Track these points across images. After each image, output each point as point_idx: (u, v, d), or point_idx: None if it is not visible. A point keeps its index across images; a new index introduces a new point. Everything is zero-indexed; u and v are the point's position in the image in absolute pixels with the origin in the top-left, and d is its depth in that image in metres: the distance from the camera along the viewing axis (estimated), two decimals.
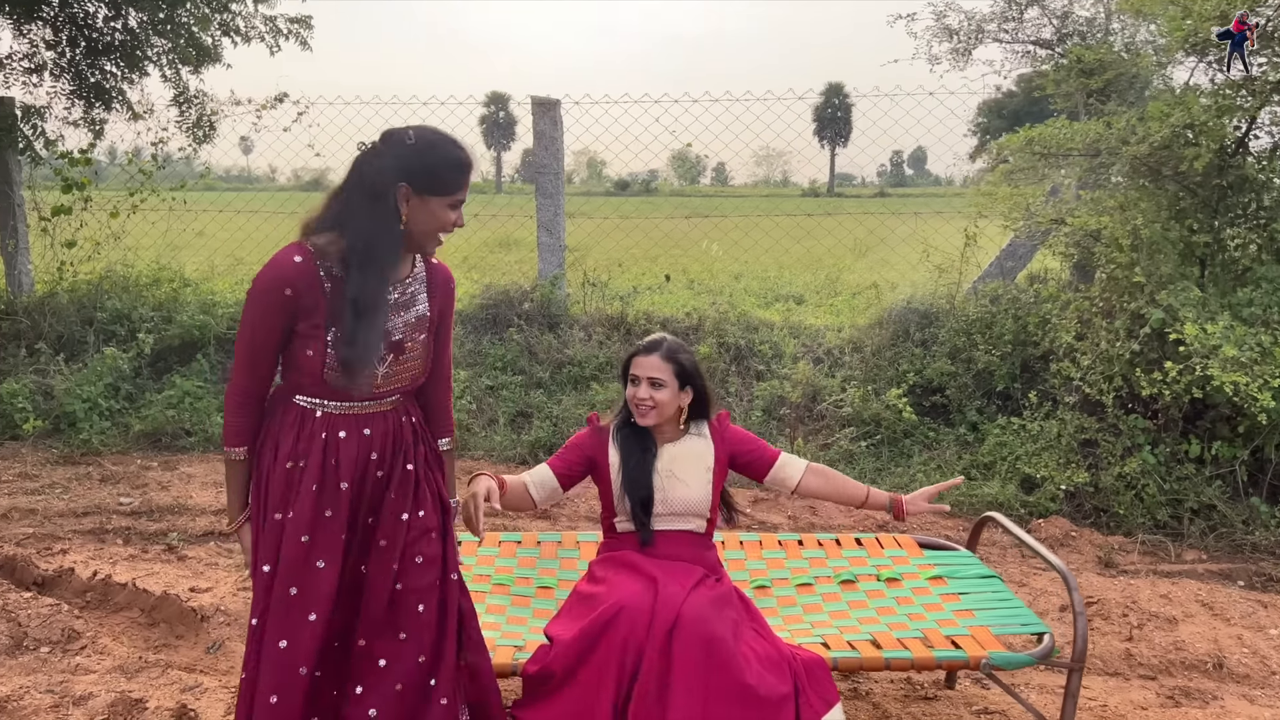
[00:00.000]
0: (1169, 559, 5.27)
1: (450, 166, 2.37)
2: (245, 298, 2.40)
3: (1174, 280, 5.55)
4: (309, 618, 2.42)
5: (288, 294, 2.33)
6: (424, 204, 2.35)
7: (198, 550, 5.19)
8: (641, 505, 3.11)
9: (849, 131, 63.86)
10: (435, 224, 2.39)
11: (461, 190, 2.41)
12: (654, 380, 3.10)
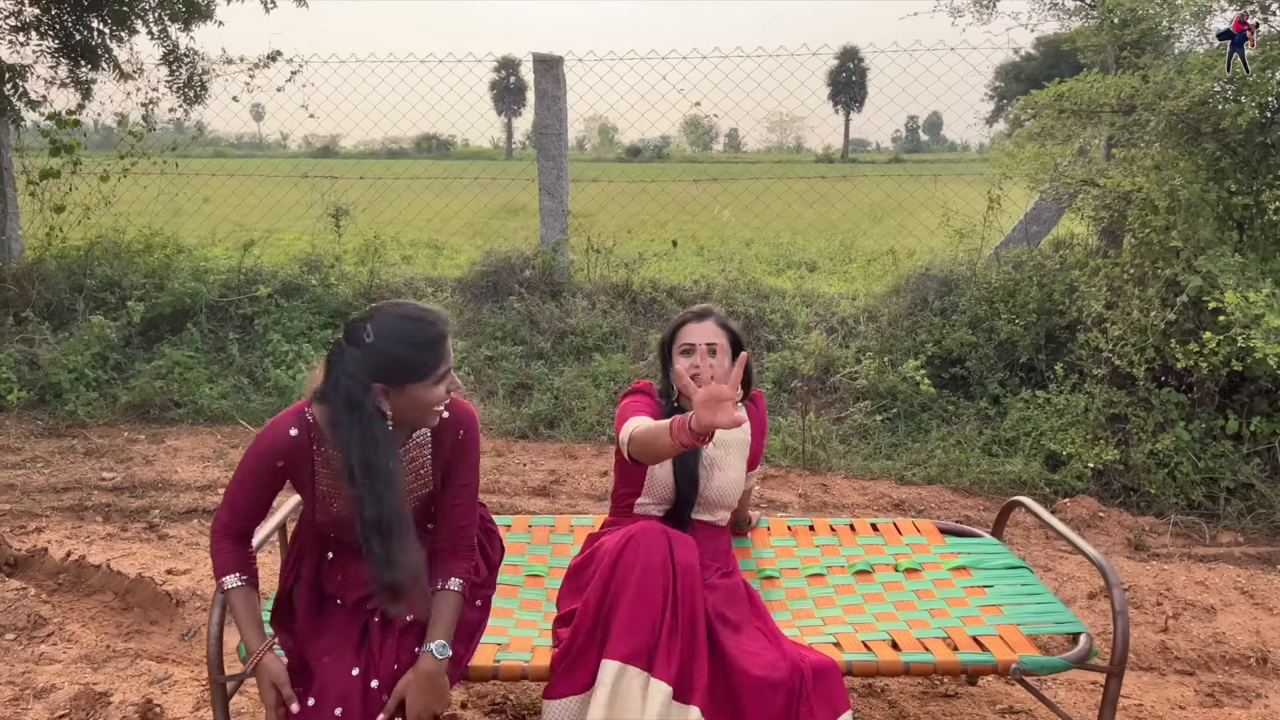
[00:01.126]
0: (1203, 541, 4.97)
1: (419, 350, 2.25)
2: (243, 458, 2.42)
3: (1212, 245, 5.21)
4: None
5: (279, 466, 2.36)
6: (404, 394, 2.26)
7: (179, 529, 4.95)
8: (685, 502, 2.89)
9: (864, 96, 62.92)
10: (423, 407, 2.30)
11: (440, 366, 2.27)
12: (711, 346, 2.85)
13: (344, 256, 7.89)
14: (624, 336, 6.97)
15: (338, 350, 2.26)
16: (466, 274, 7.87)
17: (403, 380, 2.24)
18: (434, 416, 2.35)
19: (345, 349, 2.24)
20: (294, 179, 9.48)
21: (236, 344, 6.97)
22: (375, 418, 2.22)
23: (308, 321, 7.14)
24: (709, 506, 2.94)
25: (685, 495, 2.88)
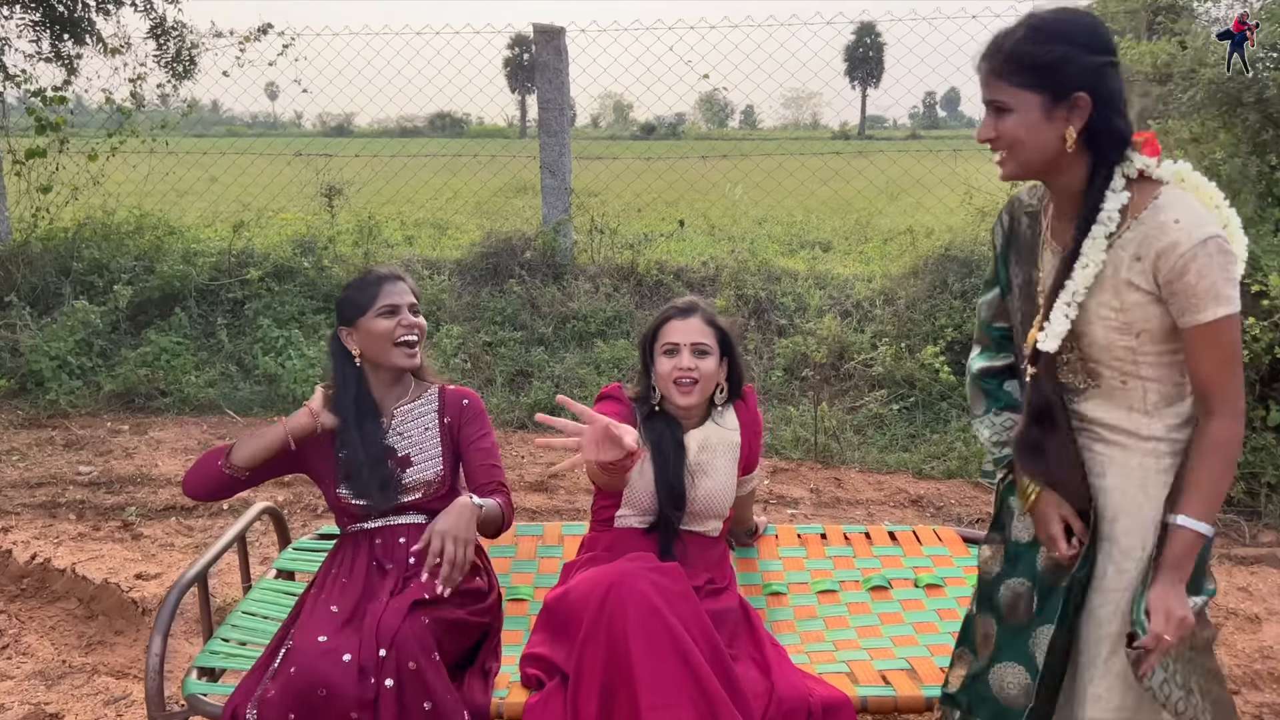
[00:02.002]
0: (1243, 541, 4.64)
1: (360, 288, 2.60)
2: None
3: (1254, 224, 4.85)
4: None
5: (292, 448, 2.58)
6: (357, 331, 2.58)
7: (154, 528, 4.69)
8: (673, 515, 2.59)
9: (880, 72, 62.05)
10: (379, 339, 2.55)
11: (378, 299, 2.56)
12: (698, 347, 2.59)
13: (339, 238, 7.60)
14: (628, 321, 6.66)
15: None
16: (466, 255, 7.57)
17: (352, 315, 2.58)
18: (397, 354, 2.56)
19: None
20: (303, 158, 9.19)
21: (225, 330, 6.71)
22: (345, 355, 2.62)
23: (299, 306, 6.86)
24: (697, 517, 2.64)
25: (669, 507, 2.58)
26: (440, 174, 10.05)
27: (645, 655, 2.09)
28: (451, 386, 2.75)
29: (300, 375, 6.21)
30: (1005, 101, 1.79)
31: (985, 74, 1.82)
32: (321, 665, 2.18)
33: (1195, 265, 1.72)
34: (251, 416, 6.17)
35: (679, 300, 2.71)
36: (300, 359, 6.30)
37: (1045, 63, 1.75)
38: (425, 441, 2.64)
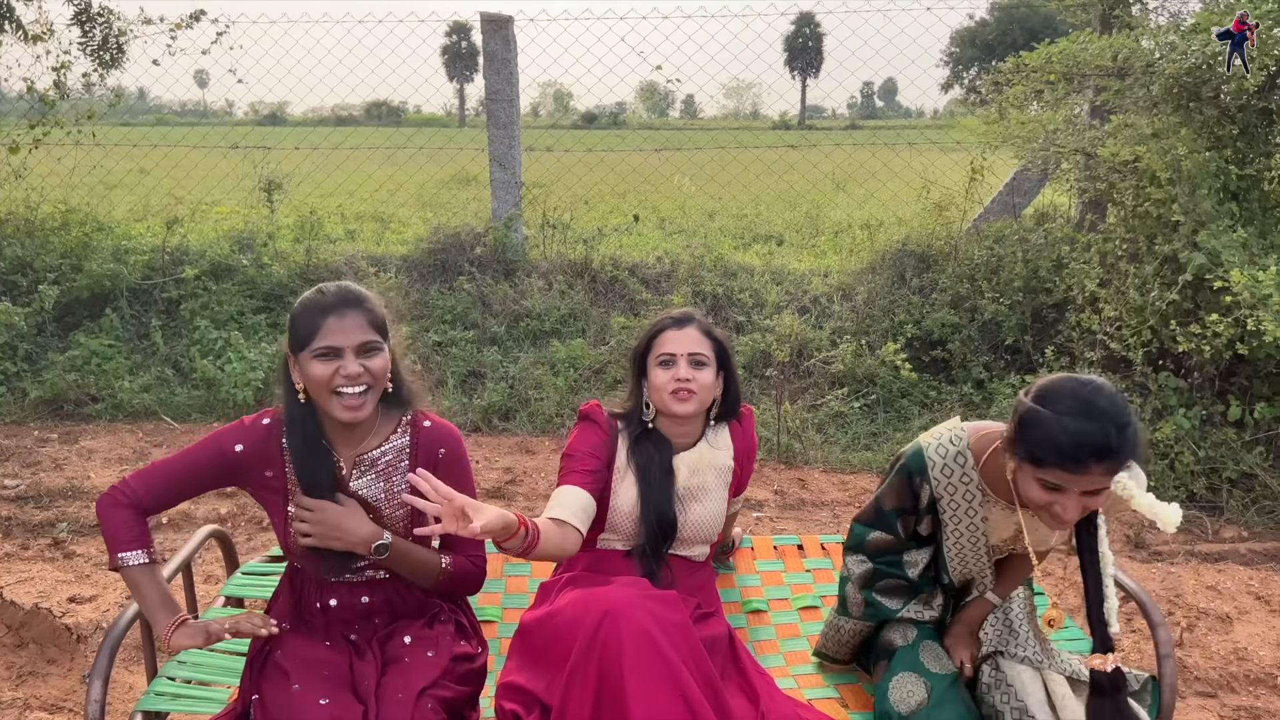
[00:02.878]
0: (1206, 537, 4.65)
1: (302, 314, 2.13)
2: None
3: (1214, 219, 4.85)
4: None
5: (237, 450, 2.18)
6: (298, 365, 2.14)
7: (88, 545, 4.43)
8: (661, 537, 2.46)
9: (820, 62, 62.43)
10: (313, 383, 2.11)
11: (316, 338, 2.09)
12: (695, 357, 2.45)
13: (278, 234, 7.31)
14: (583, 319, 6.50)
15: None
16: (413, 251, 7.34)
17: (295, 345, 2.14)
18: (334, 405, 2.11)
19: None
20: (237, 149, 8.86)
21: (160, 331, 6.41)
22: (288, 386, 2.17)
23: (239, 305, 6.58)
24: (684, 542, 2.52)
25: (655, 535, 2.45)
26: (383, 166, 9.77)
27: (642, 694, 1.94)
28: (428, 424, 2.28)
29: (240, 379, 5.94)
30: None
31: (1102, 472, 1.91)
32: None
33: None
34: (190, 423, 5.89)
35: (673, 311, 2.59)
36: (240, 362, 6.03)
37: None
38: (395, 499, 2.25)
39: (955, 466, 2.21)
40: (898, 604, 2.39)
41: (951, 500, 2.25)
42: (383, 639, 2.24)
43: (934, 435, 2.27)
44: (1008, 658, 2.23)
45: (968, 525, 2.26)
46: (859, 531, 2.43)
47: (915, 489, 2.28)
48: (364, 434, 2.22)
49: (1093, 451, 1.86)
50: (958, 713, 2.13)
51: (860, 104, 64.26)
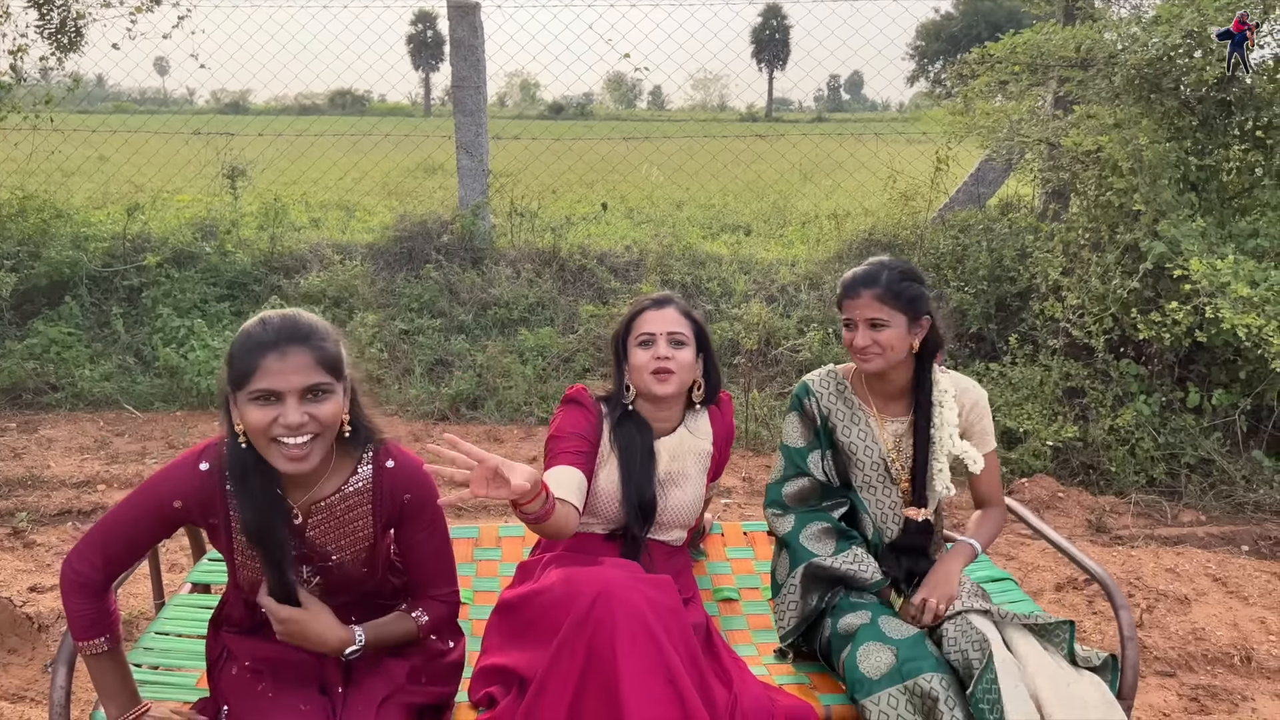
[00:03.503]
0: (1165, 521, 4.73)
1: (239, 350, 1.85)
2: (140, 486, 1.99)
3: (1174, 208, 4.93)
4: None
5: (176, 507, 1.95)
6: (237, 405, 1.87)
7: (49, 535, 4.37)
8: (642, 520, 2.48)
9: (787, 54, 62.55)
10: (250, 428, 1.84)
11: (251, 380, 1.82)
12: (674, 337, 2.47)
13: (242, 221, 7.23)
14: (551, 308, 6.49)
15: None
16: (379, 239, 7.28)
17: (232, 383, 1.87)
18: (274, 453, 1.85)
19: None
20: (199, 136, 8.73)
21: (122, 319, 6.31)
22: (229, 427, 1.91)
23: (202, 294, 6.50)
24: (663, 527, 2.54)
25: (636, 518, 2.47)
26: (348, 154, 9.69)
27: (633, 675, 1.94)
28: (390, 463, 2.02)
29: (204, 367, 5.87)
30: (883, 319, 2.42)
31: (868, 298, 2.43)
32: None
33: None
34: (152, 411, 5.82)
35: (653, 293, 2.61)
36: (204, 350, 5.96)
37: (911, 296, 2.43)
38: (356, 544, 2.04)
39: (830, 379, 2.60)
40: (824, 550, 2.48)
41: (838, 411, 2.57)
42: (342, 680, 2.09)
43: (809, 374, 2.70)
44: (971, 614, 2.29)
45: (859, 435, 2.56)
46: (774, 490, 2.63)
47: (808, 412, 2.59)
48: (316, 479, 1.98)
49: (861, 280, 2.44)
50: (929, 664, 2.18)
51: (827, 96, 64.50)
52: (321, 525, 2.01)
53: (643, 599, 2.06)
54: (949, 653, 2.23)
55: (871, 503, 2.57)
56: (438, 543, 2.12)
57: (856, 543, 2.52)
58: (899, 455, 2.55)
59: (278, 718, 1.96)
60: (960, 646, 2.21)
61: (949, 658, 2.22)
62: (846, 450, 2.56)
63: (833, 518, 2.54)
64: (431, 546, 2.11)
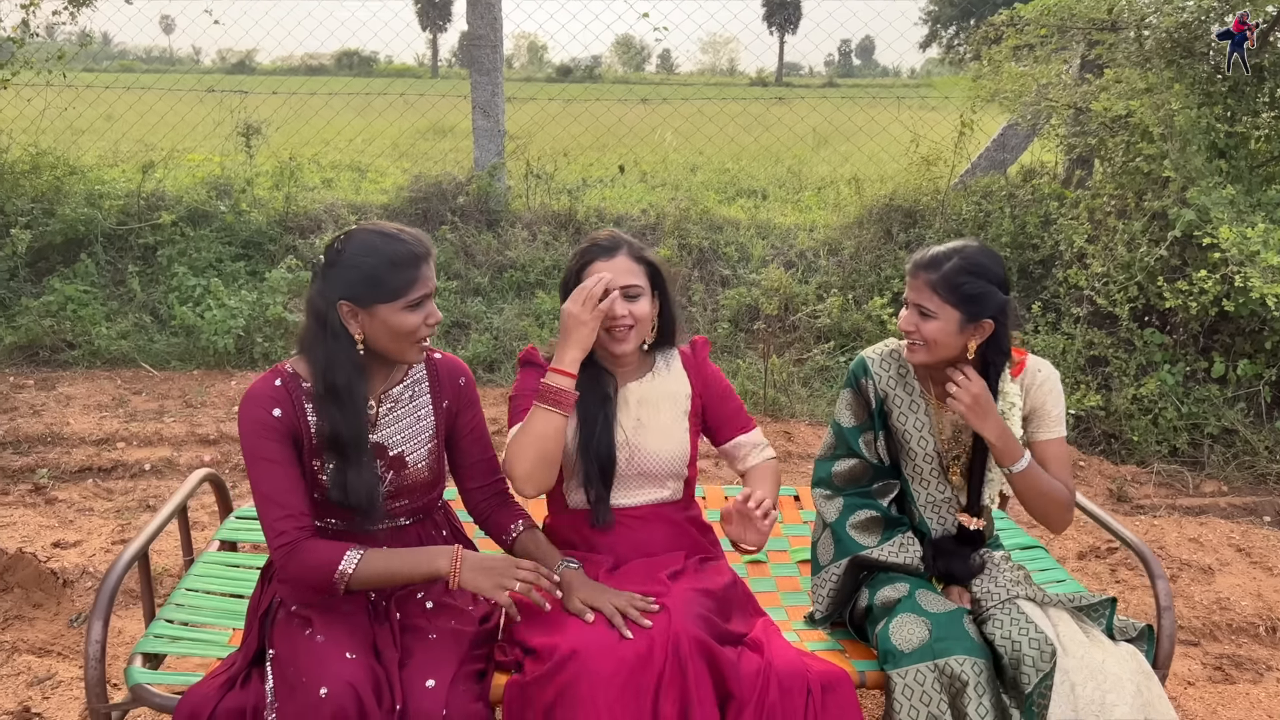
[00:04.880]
0: (1187, 491, 4.72)
1: (389, 267, 2.04)
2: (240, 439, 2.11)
3: (1203, 175, 4.87)
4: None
5: (277, 415, 2.08)
6: (373, 317, 2.06)
7: (70, 491, 4.37)
8: (601, 475, 2.32)
9: (798, 18, 61.89)
10: (398, 333, 2.07)
11: (412, 289, 2.06)
12: (629, 290, 2.27)
13: (256, 180, 7.18)
14: (564, 279, 6.43)
15: (314, 269, 2.12)
16: (393, 200, 7.23)
17: (370, 299, 2.04)
18: (413, 350, 2.11)
19: (319, 267, 2.09)
20: (207, 95, 8.65)
21: (137, 277, 6.28)
22: (341, 338, 2.06)
23: (217, 252, 6.46)
24: (649, 479, 2.39)
25: (594, 471, 2.32)
26: (358, 116, 9.60)
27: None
28: (439, 355, 2.28)
29: (221, 327, 5.85)
30: (931, 310, 2.26)
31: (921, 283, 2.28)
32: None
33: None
34: (169, 370, 5.81)
35: (600, 235, 2.35)
36: (220, 309, 5.93)
37: (971, 294, 2.23)
38: (420, 434, 2.22)
39: (891, 361, 2.43)
40: (870, 540, 2.39)
41: (896, 396, 2.41)
42: (401, 598, 2.18)
43: (869, 347, 2.52)
44: (1020, 600, 2.24)
45: (915, 424, 2.40)
46: (822, 467, 2.50)
47: (864, 391, 2.44)
48: (385, 373, 2.19)
49: (924, 262, 2.28)
50: (963, 646, 2.13)
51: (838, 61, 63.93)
52: (391, 413, 2.19)
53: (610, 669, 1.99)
54: (996, 638, 2.17)
55: (921, 495, 2.45)
56: (485, 432, 2.33)
57: (902, 529, 2.42)
58: (956, 447, 2.41)
59: (324, 661, 1.96)
60: (1012, 637, 2.14)
61: (995, 643, 2.17)
62: (900, 436, 2.42)
63: (881, 505, 2.43)
64: (483, 432, 2.32)
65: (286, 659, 2.01)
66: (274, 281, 6.07)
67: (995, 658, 2.16)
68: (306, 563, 2.01)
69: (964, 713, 2.08)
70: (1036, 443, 2.36)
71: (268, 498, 2.04)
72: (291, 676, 1.95)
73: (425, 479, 2.24)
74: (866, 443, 2.45)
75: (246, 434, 2.07)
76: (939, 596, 2.29)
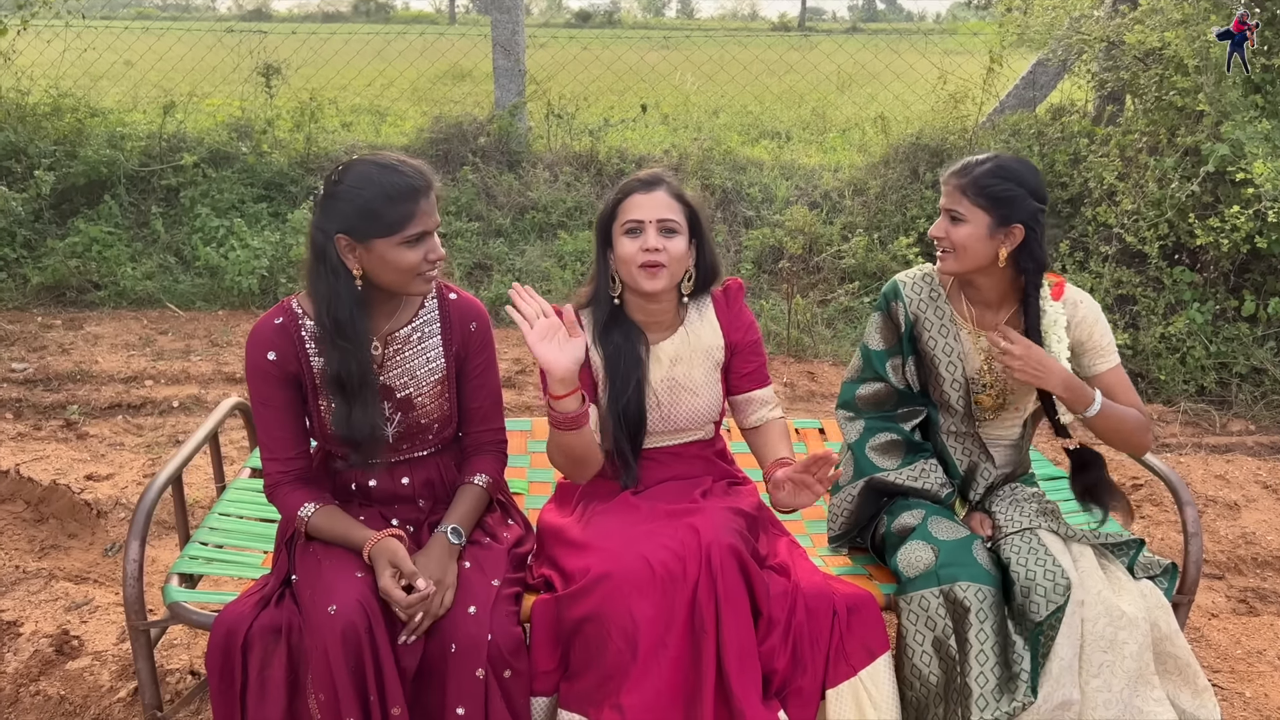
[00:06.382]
0: (1214, 430, 4.69)
1: (386, 201, 1.98)
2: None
3: (1238, 110, 4.77)
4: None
5: (271, 359, 2.09)
6: (371, 252, 2.01)
7: (100, 426, 4.43)
8: (630, 438, 2.31)
9: None
10: (398, 269, 2.02)
11: (409, 224, 2.00)
12: (665, 224, 2.22)
13: (277, 122, 7.15)
14: (590, 212, 6.41)
15: (315, 201, 2.07)
16: (414, 142, 7.19)
17: (367, 232, 1.99)
18: (416, 283, 2.06)
19: (318, 197, 2.05)
20: (223, 38, 8.57)
21: (161, 219, 6.30)
22: (339, 272, 2.02)
23: (239, 194, 6.46)
24: (682, 431, 2.40)
25: (622, 433, 2.30)
26: (373, 61, 9.52)
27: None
28: (453, 295, 2.22)
29: (245, 267, 5.87)
30: (961, 213, 2.23)
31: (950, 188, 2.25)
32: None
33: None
34: (194, 310, 5.84)
35: (641, 172, 2.32)
36: (244, 250, 5.95)
37: (1000, 196, 2.20)
38: (430, 376, 2.19)
39: (924, 285, 2.39)
40: (889, 463, 2.38)
41: (927, 320, 2.38)
42: (433, 524, 2.19)
43: (904, 271, 2.48)
44: (1041, 530, 2.24)
45: (944, 349, 2.37)
46: (848, 389, 2.49)
47: (894, 315, 2.41)
48: (393, 311, 2.15)
49: (955, 168, 2.27)
50: (968, 572, 2.12)
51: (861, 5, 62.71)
52: (398, 355, 2.15)
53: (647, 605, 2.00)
54: (1011, 563, 2.16)
55: (946, 422, 2.41)
56: (493, 379, 2.27)
57: (925, 455, 2.40)
58: (988, 373, 2.36)
59: (334, 582, 1.99)
60: (1028, 565, 2.13)
61: (1009, 568, 2.16)
62: (930, 361, 2.38)
63: (903, 429, 2.40)
64: (490, 380, 2.25)
65: (304, 582, 2.05)
66: (296, 222, 6.08)
67: (1008, 584, 2.16)
68: (281, 507, 2.16)
69: (965, 637, 2.09)
70: (1096, 376, 2.32)
71: (261, 440, 2.15)
72: (308, 599, 1.99)
73: (436, 418, 2.21)
74: (894, 367, 2.42)
75: (248, 373, 2.12)
76: (953, 524, 2.28)
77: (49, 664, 2.78)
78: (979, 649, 2.08)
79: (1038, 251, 2.25)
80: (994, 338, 2.22)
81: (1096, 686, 2.07)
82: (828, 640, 2.12)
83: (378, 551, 2.00)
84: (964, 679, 2.08)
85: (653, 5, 41.80)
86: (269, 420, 2.13)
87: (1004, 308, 2.34)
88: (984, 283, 2.31)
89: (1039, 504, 2.35)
